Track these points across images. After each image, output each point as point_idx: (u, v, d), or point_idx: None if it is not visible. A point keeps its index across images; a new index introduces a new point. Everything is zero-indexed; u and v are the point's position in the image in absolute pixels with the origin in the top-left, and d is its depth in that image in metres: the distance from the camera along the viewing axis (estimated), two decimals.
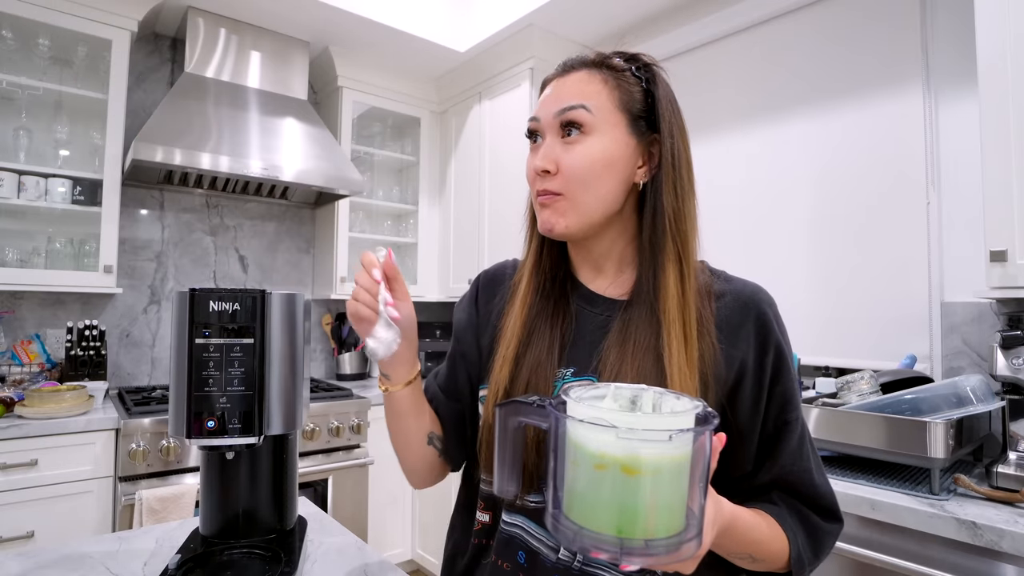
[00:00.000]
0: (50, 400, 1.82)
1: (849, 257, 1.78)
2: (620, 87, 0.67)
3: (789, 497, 0.67)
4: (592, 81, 0.67)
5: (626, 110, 0.67)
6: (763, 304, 0.68)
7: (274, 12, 2.41)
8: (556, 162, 0.67)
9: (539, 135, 0.70)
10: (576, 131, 0.66)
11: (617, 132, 0.67)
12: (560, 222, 0.68)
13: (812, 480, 0.67)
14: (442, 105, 3.07)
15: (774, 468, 0.67)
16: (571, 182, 0.66)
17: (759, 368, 0.66)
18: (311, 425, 2.18)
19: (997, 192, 1.29)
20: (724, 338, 0.66)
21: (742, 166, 2.06)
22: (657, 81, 0.69)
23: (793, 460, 0.66)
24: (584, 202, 0.67)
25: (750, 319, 0.67)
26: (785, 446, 0.66)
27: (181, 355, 0.79)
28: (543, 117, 0.69)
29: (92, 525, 1.82)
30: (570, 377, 0.70)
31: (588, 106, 0.66)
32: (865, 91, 1.77)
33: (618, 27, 2.43)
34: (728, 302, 0.68)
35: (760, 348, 0.66)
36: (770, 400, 0.66)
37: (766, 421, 0.67)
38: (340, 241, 2.74)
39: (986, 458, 1.30)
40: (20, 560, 0.86)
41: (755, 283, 0.71)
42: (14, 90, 2.10)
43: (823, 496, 0.67)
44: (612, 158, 0.66)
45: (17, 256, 2.13)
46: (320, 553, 0.92)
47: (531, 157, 0.71)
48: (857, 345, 1.76)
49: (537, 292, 0.74)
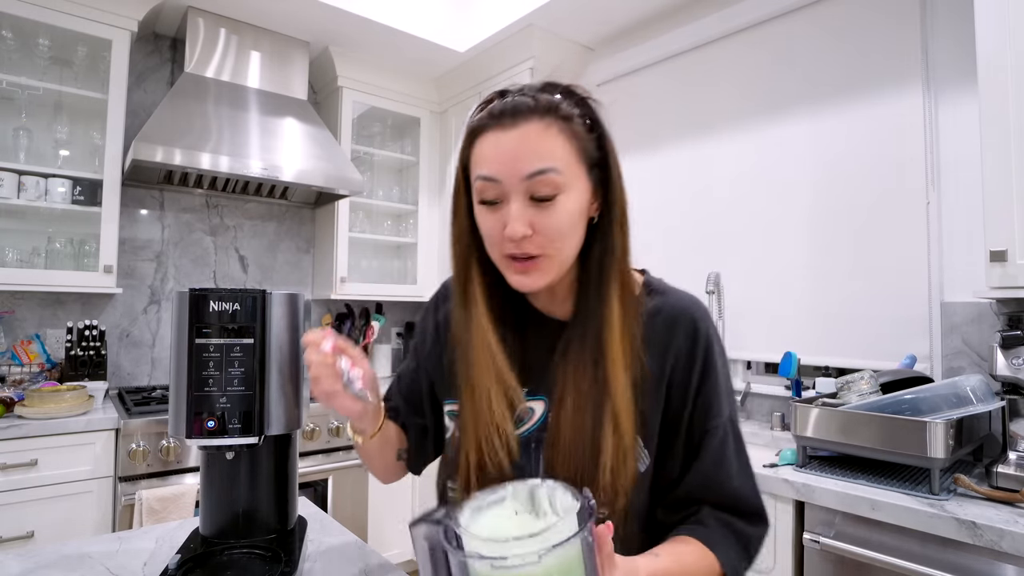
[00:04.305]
0: (50, 400, 1.82)
1: (849, 257, 1.78)
2: (575, 137, 0.66)
3: (715, 510, 0.69)
4: (550, 135, 0.64)
5: (584, 159, 0.67)
6: (695, 319, 0.71)
7: (274, 12, 2.41)
8: (531, 225, 0.65)
9: (498, 198, 0.66)
10: (548, 194, 0.64)
11: (581, 183, 0.67)
12: (540, 281, 0.68)
13: (732, 484, 0.69)
14: (442, 105, 3.07)
15: (696, 475, 0.69)
16: (550, 243, 0.66)
17: (685, 380, 0.70)
18: (311, 425, 2.18)
19: (997, 192, 1.29)
20: (655, 354, 0.70)
21: (741, 166, 2.06)
22: (599, 119, 0.68)
23: (715, 465, 0.69)
24: (563, 258, 0.68)
25: (679, 334, 0.70)
26: (706, 452, 0.69)
27: (181, 355, 0.79)
28: (505, 179, 0.64)
29: (92, 525, 1.82)
30: (526, 396, 0.73)
31: (558, 168, 0.64)
32: (865, 91, 1.77)
33: (618, 27, 2.43)
34: (661, 320, 0.71)
35: (687, 360, 0.70)
36: (694, 409, 0.70)
37: (691, 429, 0.70)
38: (340, 241, 2.74)
39: (986, 458, 1.30)
40: (20, 560, 0.86)
41: (690, 296, 0.74)
42: (14, 90, 2.10)
43: (745, 499, 0.70)
44: (579, 210, 0.67)
45: (17, 256, 2.13)
46: (320, 553, 0.92)
47: (488, 215, 0.67)
48: (857, 345, 1.76)
49: (494, 322, 0.74)
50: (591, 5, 2.26)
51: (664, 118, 2.31)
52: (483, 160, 0.66)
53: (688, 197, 2.23)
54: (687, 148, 2.24)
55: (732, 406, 0.72)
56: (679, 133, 2.27)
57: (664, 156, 2.31)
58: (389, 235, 3.07)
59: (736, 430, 0.72)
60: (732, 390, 0.74)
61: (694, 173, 2.22)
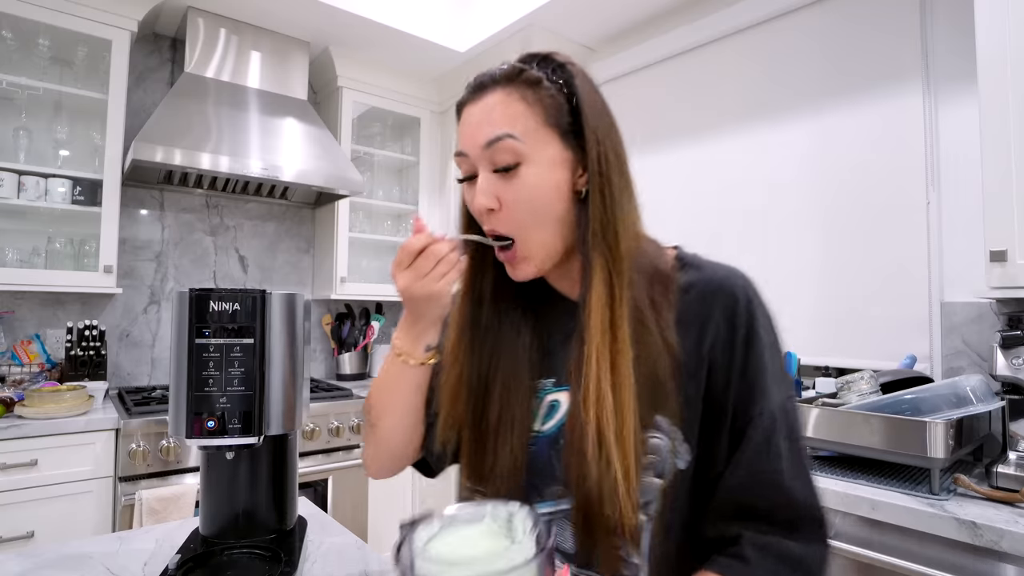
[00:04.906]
0: (50, 400, 1.82)
1: (849, 257, 1.78)
2: (541, 101, 0.62)
3: (759, 534, 0.58)
4: (510, 102, 0.61)
5: (554, 125, 0.62)
6: (734, 289, 0.63)
7: (274, 12, 2.41)
8: (498, 197, 0.62)
9: (469, 172, 0.65)
10: (509, 162, 0.61)
11: (551, 151, 0.62)
12: (527, 269, 0.65)
13: (780, 485, 0.58)
14: (442, 105, 3.07)
15: (736, 474, 0.60)
16: (518, 220, 0.62)
17: (726, 359, 0.61)
18: (311, 425, 2.18)
19: (997, 192, 1.29)
20: (690, 334, 0.62)
21: (741, 166, 2.06)
22: (576, 83, 0.63)
23: (759, 461, 0.59)
24: (540, 240, 0.63)
25: (717, 307, 0.62)
26: (747, 446, 0.60)
27: (181, 355, 0.79)
28: (470, 151, 0.63)
29: (92, 525, 1.82)
30: (551, 388, 0.67)
31: (515, 133, 0.60)
32: (865, 91, 1.77)
33: (618, 27, 2.43)
34: (695, 295, 0.63)
35: (728, 335, 0.61)
36: (737, 393, 0.61)
37: (735, 416, 0.61)
38: (340, 241, 2.74)
39: (986, 458, 1.30)
40: (20, 560, 0.86)
41: (729, 267, 0.66)
42: (14, 90, 2.10)
43: (796, 504, 0.58)
44: (553, 182, 0.62)
45: (17, 256, 2.13)
46: (320, 553, 0.92)
47: (467, 192, 0.66)
48: (857, 345, 1.76)
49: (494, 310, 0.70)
50: (591, 5, 2.26)
51: (664, 119, 2.31)
52: (459, 136, 0.66)
53: (687, 197, 2.22)
54: (687, 148, 2.24)
55: (784, 391, 0.62)
56: (679, 133, 2.27)
57: (664, 156, 2.31)
58: (389, 235, 3.07)
59: (790, 420, 0.61)
60: (784, 370, 0.64)
61: (694, 173, 2.21)
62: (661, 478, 0.60)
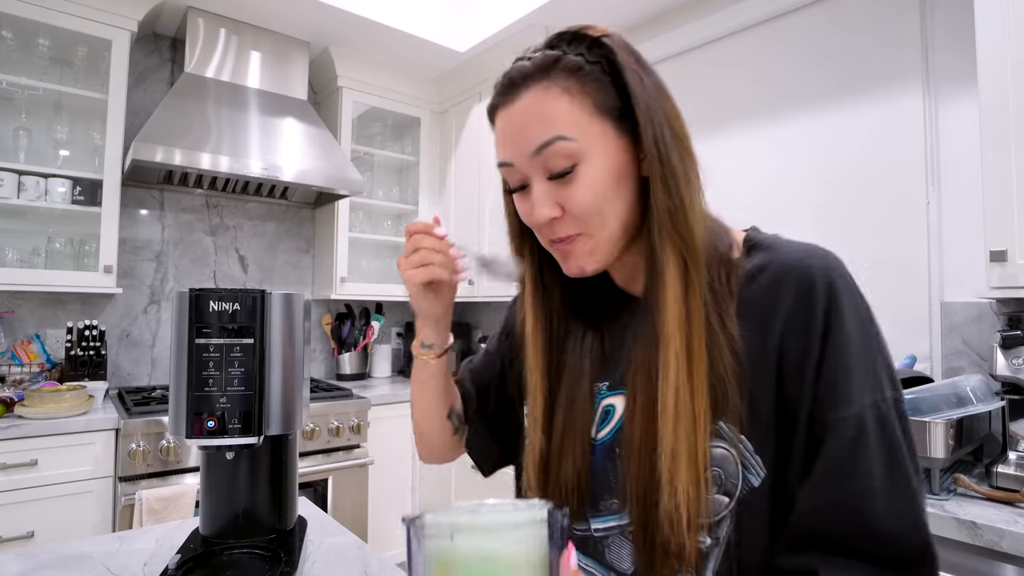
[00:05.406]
0: (50, 400, 1.82)
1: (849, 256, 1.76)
2: (585, 89, 0.55)
3: (837, 571, 0.47)
4: (551, 98, 0.55)
5: (604, 112, 0.55)
6: (811, 271, 0.53)
7: (274, 12, 2.41)
8: (558, 205, 0.57)
9: (522, 182, 0.59)
10: (565, 167, 0.55)
11: (606, 143, 0.55)
12: (589, 264, 0.58)
13: (869, 508, 0.47)
14: (442, 105, 3.07)
15: (810, 493, 0.49)
16: (584, 219, 0.56)
17: (801, 351, 0.51)
18: (311, 425, 2.18)
19: (997, 192, 1.29)
20: (756, 325, 0.53)
21: (741, 164, 2.06)
22: (618, 59, 0.56)
23: (838, 478, 0.48)
24: (606, 235, 0.57)
25: (789, 292, 0.53)
26: (825, 458, 0.49)
27: (181, 355, 0.79)
28: (517, 160, 0.57)
29: (92, 525, 1.82)
30: (605, 392, 0.62)
31: (565, 134, 0.54)
32: (865, 91, 1.77)
33: (618, 26, 2.40)
34: (764, 280, 0.55)
35: (804, 323, 0.52)
36: (814, 394, 0.51)
37: (812, 421, 0.50)
38: (340, 241, 2.74)
39: (986, 458, 1.30)
40: (20, 560, 0.86)
41: (809, 246, 0.56)
42: (14, 90, 2.10)
43: (890, 533, 0.47)
44: (615, 174, 0.55)
45: (17, 256, 2.13)
46: (320, 553, 0.92)
47: (520, 204, 0.60)
48: None
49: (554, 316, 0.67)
50: (591, 5, 2.26)
51: None
52: (497, 145, 0.59)
53: None
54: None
55: (879, 391, 0.50)
56: None
57: None
58: (389, 235, 3.07)
59: (888, 430, 0.49)
60: (883, 367, 0.52)
61: None
62: (729, 496, 0.52)
